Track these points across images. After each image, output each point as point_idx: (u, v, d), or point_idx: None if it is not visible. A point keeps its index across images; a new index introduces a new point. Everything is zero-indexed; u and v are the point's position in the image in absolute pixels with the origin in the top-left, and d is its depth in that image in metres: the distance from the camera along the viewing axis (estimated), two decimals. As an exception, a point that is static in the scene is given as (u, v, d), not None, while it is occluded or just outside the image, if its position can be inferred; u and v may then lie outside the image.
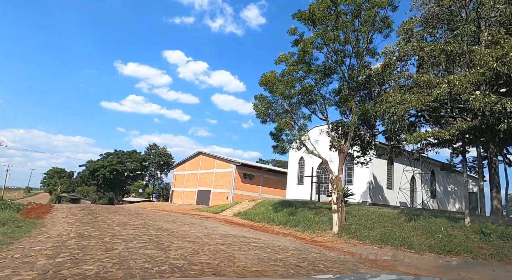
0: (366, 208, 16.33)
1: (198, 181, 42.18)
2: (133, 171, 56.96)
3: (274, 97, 16.29)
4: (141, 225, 9.11)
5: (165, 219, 12.25)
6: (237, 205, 23.92)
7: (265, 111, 16.05)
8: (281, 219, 16.78)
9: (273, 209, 19.53)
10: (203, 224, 12.08)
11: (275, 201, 22.17)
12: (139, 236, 6.85)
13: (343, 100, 14.20)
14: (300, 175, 30.20)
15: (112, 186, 54.37)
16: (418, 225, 11.26)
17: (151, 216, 13.46)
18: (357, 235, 12.16)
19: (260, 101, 16.34)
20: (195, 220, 13.78)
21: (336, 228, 13.23)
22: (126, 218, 11.44)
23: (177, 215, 16.31)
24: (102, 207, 19.97)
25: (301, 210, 17.64)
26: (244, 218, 19.31)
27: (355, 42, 13.70)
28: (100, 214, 12.59)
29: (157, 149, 62.36)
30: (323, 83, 15.50)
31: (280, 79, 15.37)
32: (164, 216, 14.52)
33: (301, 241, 10.48)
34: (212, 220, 15.87)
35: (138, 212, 15.70)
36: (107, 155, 55.60)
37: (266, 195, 39.51)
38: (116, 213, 13.96)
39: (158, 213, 16.89)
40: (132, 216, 12.84)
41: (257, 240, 8.46)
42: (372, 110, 13.33)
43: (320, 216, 15.72)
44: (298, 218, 16.29)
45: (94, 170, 50.99)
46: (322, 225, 14.44)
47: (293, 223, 15.69)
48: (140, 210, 19.68)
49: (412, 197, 26.31)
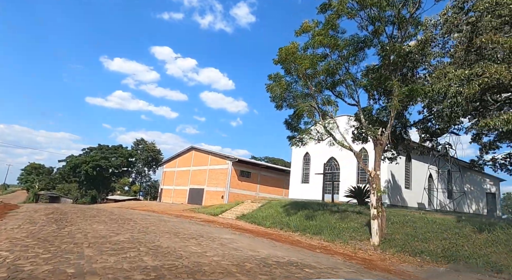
0: (402, 211, 13.66)
1: (190, 179, 38.96)
2: (118, 167, 53.01)
3: (292, 77, 13.44)
4: (127, 242, 6.12)
5: (160, 228, 9.22)
6: (239, 206, 20.98)
7: (281, 94, 13.16)
8: (298, 224, 14.00)
9: (284, 212, 16.70)
10: (212, 234, 9.12)
11: (284, 201, 19.34)
12: (126, 273, 3.88)
13: (382, 80, 11.43)
14: (305, 172, 27.48)
15: (95, 183, 50.32)
16: (495, 238, 8.62)
17: (141, 223, 10.38)
18: (408, 249, 9.46)
19: (275, 81, 13.44)
20: (198, 228, 10.77)
21: (376, 238, 10.51)
22: (106, 227, 8.36)
23: (172, 220, 13.26)
24: (80, 208, 16.66)
25: (321, 213, 14.89)
26: (251, 222, 16.42)
27: (401, 5, 10.95)
28: (71, 220, 9.45)
29: (145, 144, 58.50)
30: (354, 61, 12.71)
31: (301, 56, 12.52)
32: (157, 221, 11.45)
33: (348, 260, 7.66)
34: (216, 226, 12.90)
35: (124, 216, 12.57)
36: (90, 150, 51.42)
37: (264, 194, 36.71)
38: (94, 218, 10.83)
39: (149, 217, 13.78)
40: (115, 223, 9.74)
41: (308, 266, 5.61)
42: (421, 91, 10.61)
43: (348, 222, 12.99)
44: (319, 223, 13.53)
45: (75, 165, 46.87)
46: (354, 233, 11.71)
47: (315, 229, 12.92)
48: (126, 212, 16.48)
49: (430, 198, 23.98)
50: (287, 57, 12.43)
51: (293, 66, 12.73)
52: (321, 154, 25.78)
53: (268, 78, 13.82)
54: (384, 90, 12.02)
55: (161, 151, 61.63)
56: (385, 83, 11.48)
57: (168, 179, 43.07)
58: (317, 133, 13.96)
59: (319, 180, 25.54)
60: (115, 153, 51.19)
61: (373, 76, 11.94)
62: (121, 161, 50.75)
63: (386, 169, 21.29)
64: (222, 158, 34.95)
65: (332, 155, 25.09)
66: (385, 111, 12.28)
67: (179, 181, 41.00)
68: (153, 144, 60.72)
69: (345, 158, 23.86)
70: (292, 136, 14.67)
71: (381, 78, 11.46)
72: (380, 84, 11.77)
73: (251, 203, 21.28)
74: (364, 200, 17.36)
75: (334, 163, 24.78)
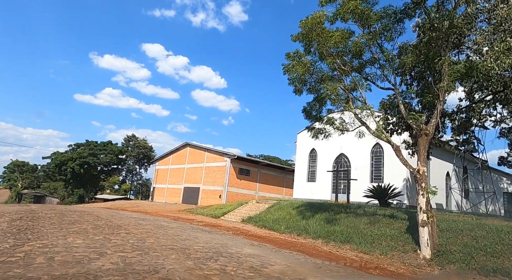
0: (446, 215, 11.70)
1: (185, 177, 36.59)
2: (107, 165, 50.12)
3: (314, 57, 11.32)
4: (116, 272, 3.91)
5: (161, 241, 6.97)
6: (243, 207, 18.82)
7: (303, 74, 11.03)
8: (318, 230, 11.93)
9: (298, 214, 14.62)
10: (230, 248, 6.92)
11: (296, 202, 17.24)
12: None
13: (430, 56, 9.39)
14: (311, 170, 25.44)
15: (82, 182, 47.35)
16: None
17: (135, 232, 8.11)
18: (474, 266, 7.46)
19: (294, 60, 11.29)
20: (207, 238, 8.55)
21: (427, 250, 8.48)
22: (86, 242, 6.10)
23: (171, 225, 11.00)
24: (60, 211, 14.25)
25: (343, 217, 12.85)
26: (260, 225, 14.30)
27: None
28: (40, 231, 7.15)
29: (136, 140, 55.66)
30: (389, 36, 10.64)
31: (327, 32, 10.41)
32: (154, 229, 9.18)
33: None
34: (224, 232, 10.71)
35: (113, 222, 10.25)
36: (77, 146, 48.33)
37: (264, 194, 34.63)
38: (74, 225, 8.52)
39: (143, 221, 11.48)
40: (100, 233, 7.47)
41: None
42: (483, 68, 8.59)
43: (380, 227, 10.96)
44: (345, 229, 11.47)
45: (60, 163, 43.82)
46: (392, 242, 9.69)
47: (341, 236, 10.86)
48: (116, 215, 14.14)
49: (447, 198, 22.24)
50: (311, 31, 10.29)
51: (316, 42, 10.59)
52: (329, 150, 23.80)
53: (285, 57, 11.68)
54: (431, 69, 9.98)
55: (153, 148, 58.98)
56: (433, 60, 9.45)
57: (161, 177, 40.61)
58: (342, 122, 11.89)
59: (327, 178, 23.59)
60: (104, 149, 48.32)
61: (417, 53, 9.87)
62: (110, 158, 47.91)
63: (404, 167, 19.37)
64: (220, 154, 32.71)
65: (342, 151, 23.13)
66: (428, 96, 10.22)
67: (173, 179, 38.59)
68: (145, 140, 57.96)
69: (357, 154, 21.91)
70: (312, 127, 12.56)
71: (429, 53, 9.41)
72: (426, 61, 9.74)
73: (256, 203, 19.13)
74: (387, 201, 15.39)
75: (344, 160, 22.79)
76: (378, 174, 20.84)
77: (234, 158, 31.13)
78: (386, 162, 20.43)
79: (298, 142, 27.07)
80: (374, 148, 21.41)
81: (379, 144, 21.05)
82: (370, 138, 19.30)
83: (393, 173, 19.72)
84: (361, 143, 22.08)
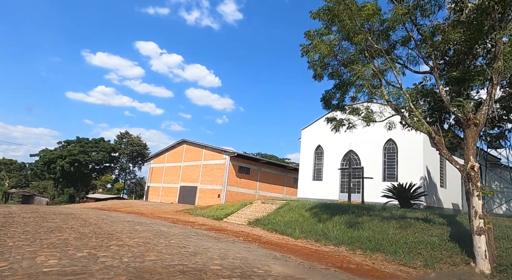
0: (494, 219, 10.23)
1: (181, 175, 34.85)
2: (99, 163, 47.97)
3: (338, 35, 9.75)
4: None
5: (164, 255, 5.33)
6: (247, 208, 17.24)
7: (326, 55, 9.47)
8: (340, 235, 10.42)
9: (312, 216, 13.10)
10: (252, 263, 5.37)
11: (309, 203, 15.70)
12: None
13: (485, 30, 7.90)
14: (317, 168, 23.93)
15: (73, 181, 45.16)
16: None
17: (130, 243, 6.46)
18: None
19: (315, 40, 9.71)
20: (220, 249, 6.93)
21: (485, 263, 7.01)
22: (62, 263, 4.44)
23: (173, 231, 9.34)
24: (42, 214, 12.49)
25: (366, 220, 11.37)
26: (270, 229, 12.73)
27: None
28: (6, 243, 5.48)
29: (130, 137, 53.54)
30: (428, 9, 9.13)
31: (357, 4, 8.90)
32: (154, 237, 7.53)
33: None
34: (233, 238, 9.11)
35: (102, 229, 8.57)
36: (68, 143, 46.05)
37: (264, 193, 33.10)
38: (52, 234, 6.84)
39: (139, 227, 9.78)
40: (84, 245, 5.82)
41: None
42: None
43: (414, 233, 9.49)
44: (372, 234, 9.98)
45: (49, 160, 41.57)
46: (435, 252, 8.21)
47: (368, 243, 9.36)
48: (107, 218, 12.42)
49: (463, 198, 20.94)
50: (338, 3, 8.73)
51: (343, 17, 9.02)
52: (337, 146, 22.34)
53: (304, 36, 10.08)
54: (482, 48, 8.50)
55: (147, 145, 56.96)
56: (485, 36, 7.96)
57: (156, 176, 38.79)
58: (368, 112, 10.35)
59: (335, 177, 22.13)
60: (96, 147, 46.19)
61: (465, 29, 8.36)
62: (102, 155, 45.82)
63: (421, 163, 18.03)
64: (218, 152, 31.04)
65: (351, 148, 21.67)
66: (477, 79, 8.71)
67: (168, 178, 36.80)
68: (139, 137, 55.90)
69: (368, 151, 20.47)
70: (332, 118, 11.01)
71: (483, 27, 7.91)
72: (476, 37, 8.25)
73: (262, 204, 17.56)
74: (409, 202, 13.93)
75: (353, 157, 21.33)
76: (391, 172, 19.42)
77: (234, 155, 29.51)
78: (400, 159, 19.02)
79: (302, 138, 25.55)
80: (387, 144, 19.99)
81: (392, 139, 19.66)
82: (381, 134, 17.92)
83: (409, 171, 18.32)
84: (372, 138, 20.72)
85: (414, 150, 18.22)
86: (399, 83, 8.90)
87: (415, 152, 18.17)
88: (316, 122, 24.70)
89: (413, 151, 18.27)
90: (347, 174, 21.57)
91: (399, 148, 19.20)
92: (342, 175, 21.81)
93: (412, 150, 18.32)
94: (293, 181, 35.91)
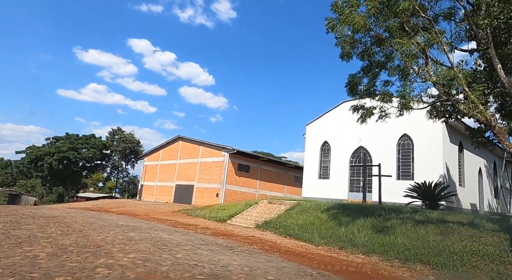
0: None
1: (177, 173, 33.12)
2: (90, 161, 45.84)
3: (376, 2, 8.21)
4: None
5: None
6: (253, 208, 15.67)
7: (361, 29, 7.93)
8: (367, 242, 8.95)
9: (331, 219, 11.60)
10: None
11: (324, 204, 14.18)
12: None
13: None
14: (323, 165, 22.47)
15: (62, 179, 42.96)
16: None
17: (124, 261, 4.87)
18: None
19: (343, 12, 8.17)
20: (240, 263, 5.37)
21: None
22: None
23: (176, 239, 7.73)
24: (20, 215, 10.76)
25: (397, 223, 9.92)
26: (283, 234, 11.19)
27: None
28: None
29: (122, 134, 51.42)
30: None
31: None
32: (155, 251, 5.92)
33: None
34: (247, 246, 7.55)
35: (89, 238, 6.92)
36: (56, 140, 43.80)
37: (265, 192, 31.58)
38: (21, 247, 5.20)
39: (134, 233, 8.14)
40: (59, 266, 4.24)
41: None
42: None
43: (461, 241, 8.05)
44: (408, 241, 8.51)
45: (36, 158, 39.35)
46: (495, 265, 6.79)
47: (406, 253, 7.88)
48: (96, 222, 10.72)
49: (480, 197, 19.73)
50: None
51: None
52: (346, 143, 20.93)
53: (331, 9, 8.54)
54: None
55: (140, 142, 54.92)
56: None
57: (150, 174, 36.96)
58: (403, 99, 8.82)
59: (344, 175, 20.71)
60: (87, 143, 44.06)
61: None
62: (93, 152, 43.72)
63: (440, 160, 16.68)
64: (217, 148, 29.39)
65: (361, 144, 20.26)
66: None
67: (163, 176, 35.02)
68: (132, 134, 53.80)
69: (380, 147, 19.07)
70: (360, 106, 9.50)
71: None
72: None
73: (268, 204, 16.01)
74: (437, 202, 12.52)
75: (364, 154, 19.89)
76: (406, 170, 18.04)
77: (233, 152, 27.89)
78: (417, 156, 17.65)
79: (307, 134, 24.07)
80: (401, 140, 18.61)
81: (407, 135, 18.29)
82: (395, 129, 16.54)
83: (426, 168, 16.96)
84: (384, 134, 19.27)
85: (433, 145, 16.86)
86: (450, 62, 7.41)
87: (434, 148, 16.81)
88: (322, 117, 23.26)
89: (432, 147, 16.91)
90: (357, 172, 20.19)
91: (415, 143, 17.82)
92: (351, 172, 20.40)
93: (430, 145, 16.96)
94: (293, 179, 34.48)
